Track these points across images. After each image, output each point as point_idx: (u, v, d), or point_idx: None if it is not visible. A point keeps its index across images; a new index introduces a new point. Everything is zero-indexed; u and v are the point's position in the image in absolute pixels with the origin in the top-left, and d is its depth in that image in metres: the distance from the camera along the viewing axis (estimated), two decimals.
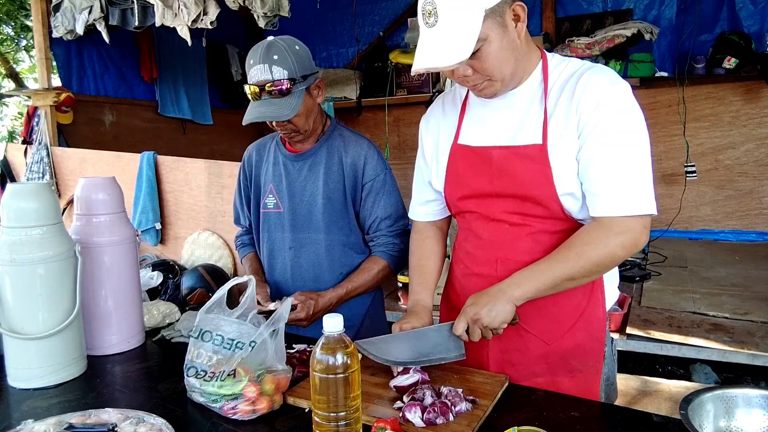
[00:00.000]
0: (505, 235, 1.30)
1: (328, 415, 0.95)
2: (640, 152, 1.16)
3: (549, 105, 1.22)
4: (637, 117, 1.17)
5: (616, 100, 1.16)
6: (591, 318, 1.29)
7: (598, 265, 1.19)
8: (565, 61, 1.26)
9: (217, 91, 5.72)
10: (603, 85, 1.17)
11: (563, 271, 1.18)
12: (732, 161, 4.65)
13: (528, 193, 1.24)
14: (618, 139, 1.15)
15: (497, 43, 1.15)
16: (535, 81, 1.26)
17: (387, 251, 1.71)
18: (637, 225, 1.16)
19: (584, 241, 1.18)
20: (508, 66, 1.19)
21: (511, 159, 1.25)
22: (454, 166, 1.36)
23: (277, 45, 1.53)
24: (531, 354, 1.32)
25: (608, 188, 1.16)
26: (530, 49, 1.25)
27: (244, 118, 1.57)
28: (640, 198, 1.15)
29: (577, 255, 1.17)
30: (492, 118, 1.30)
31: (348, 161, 1.67)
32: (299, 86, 1.54)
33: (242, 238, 1.94)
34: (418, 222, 1.54)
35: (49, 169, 4.07)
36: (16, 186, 1.35)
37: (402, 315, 1.46)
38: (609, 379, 1.37)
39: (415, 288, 1.46)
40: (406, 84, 5.17)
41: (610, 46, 4.36)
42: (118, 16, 3.56)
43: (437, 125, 1.42)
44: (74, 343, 1.38)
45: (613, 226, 1.16)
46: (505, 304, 1.19)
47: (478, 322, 1.20)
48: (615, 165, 1.15)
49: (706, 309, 3.09)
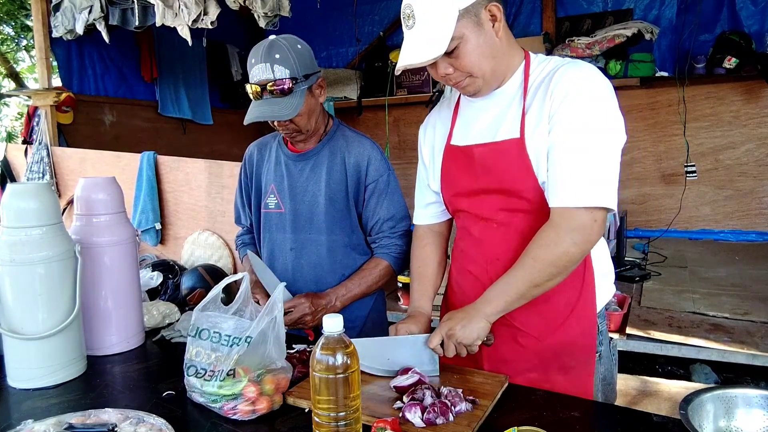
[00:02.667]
0: (494, 234, 1.33)
1: (328, 415, 0.95)
2: (604, 145, 1.16)
3: (527, 100, 1.24)
4: (606, 111, 1.17)
5: (586, 92, 1.17)
6: (582, 314, 1.30)
7: (555, 266, 1.18)
8: (547, 59, 1.29)
9: (217, 91, 5.72)
10: (576, 77, 1.18)
11: (524, 279, 1.19)
12: (732, 161, 4.65)
13: (511, 187, 1.26)
14: (581, 130, 1.16)
15: (474, 41, 1.19)
16: (516, 80, 1.29)
17: (389, 253, 1.70)
18: (587, 218, 1.15)
19: (537, 244, 1.19)
20: (487, 63, 1.22)
21: (491, 155, 1.28)
22: (447, 166, 1.40)
23: (278, 44, 1.53)
24: (523, 351, 1.33)
25: (563, 177, 1.16)
26: (512, 49, 1.28)
27: (245, 118, 1.56)
28: (595, 190, 1.14)
29: (533, 259, 1.18)
30: (476, 118, 1.34)
31: (351, 162, 1.67)
32: (301, 86, 1.54)
33: (243, 238, 1.93)
34: (420, 228, 1.56)
35: (49, 169, 4.07)
36: (16, 186, 1.35)
37: (402, 316, 1.47)
38: (606, 379, 1.37)
39: (414, 295, 1.50)
40: (407, 84, 5.17)
41: (611, 45, 4.36)
42: (118, 16, 3.56)
43: (434, 129, 1.47)
44: (74, 343, 1.38)
45: (562, 222, 1.16)
46: (479, 321, 1.21)
47: (452, 337, 1.22)
48: (573, 155, 1.16)
49: (706, 309, 3.09)
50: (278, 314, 1.18)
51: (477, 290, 1.36)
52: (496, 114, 1.29)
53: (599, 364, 1.34)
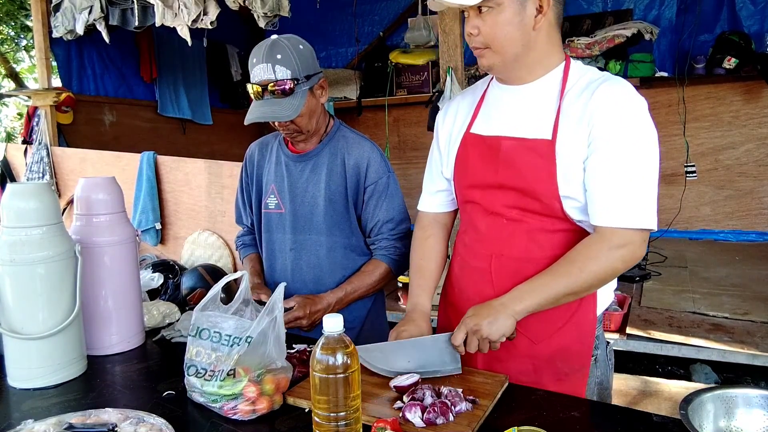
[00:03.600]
0: (502, 230, 1.31)
1: (328, 415, 0.95)
2: (648, 168, 1.18)
3: (564, 105, 1.23)
4: (648, 133, 1.18)
5: (631, 115, 1.18)
6: (581, 321, 1.29)
7: (599, 278, 1.20)
8: (585, 68, 1.29)
9: (217, 91, 5.73)
10: (620, 98, 1.19)
11: (565, 286, 1.19)
12: (732, 161, 4.65)
13: (530, 187, 1.25)
14: (627, 153, 1.17)
15: (508, 16, 1.19)
16: (554, 79, 1.27)
17: (388, 254, 1.69)
18: (636, 238, 1.18)
19: (586, 255, 1.19)
20: (512, 45, 1.22)
21: (518, 150, 1.26)
22: (463, 154, 1.37)
23: (280, 44, 1.52)
24: (517, 352, 1.31)
25: (612, 199, 1.17)
26: (551, 48, 1.26)
27: (246, 118, 1.56)
28: (643, 212, 1.16)
29: (579, 269, 1.19)
30: (506, 110, 1.31)
31: (351, 163, 1.66)
32: (302, 86, 1.54)
33: (243, 239, 1.93)
34: (424, 216, 1.53)
35: (49, 169, 4.07)
36: (16, 186, 1.35)
37: (402, 316, 1.45)
38: (602, 383, 1.35)
39: (414, 290, 1.46)
40: (406, 84, 5.17)
41: (610, 46, 4.36)
42: (118, 16, 3.56)
43: (454, 114, 1.44)
44: (74, 343, 1.38)
45: (613, 239, 1.17)
46: (507, 318, 1.19)
47: (477, 333, 1.20)
48: (621, 177, 1.17)
49: (706, 309, 3.09)
50: (278, 314, 1.18)
51: (479, 286, 1.35)
52: (528, 110, 1.28)
53: (595, 368, 1.32)
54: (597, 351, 1.33)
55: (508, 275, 1.29)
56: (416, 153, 5.44)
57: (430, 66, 4.95)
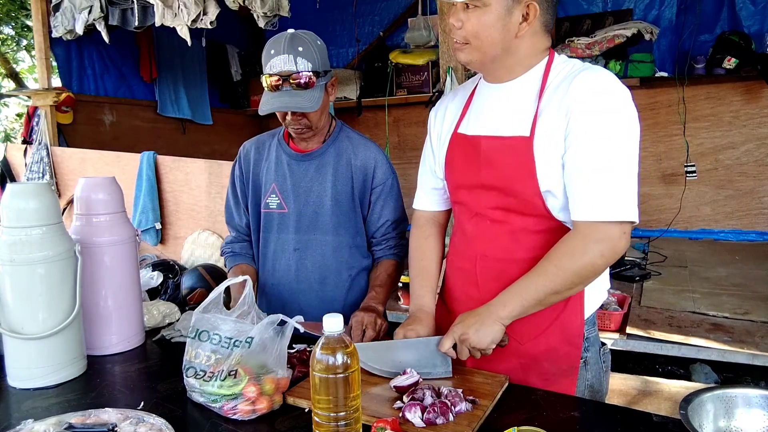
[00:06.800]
0: (486, 231, 1.30)
1: (328, 415, 0.95)
2: (627, 159, 1.15)
3: (543, 100, 1.22)
4: (627, 123, 1.15)
5: (608, 105, 1.14)
6: (567, 323, 1.27)
7: (579, 275, 1.17)
8: (567, 61, 1.26)
9: (216, 91, 5.73)
10: (597, 88, 1.15)
11: (545, 285, 1.17)
12: (732, 161, 4.65)
13: (510, 186, 1.24)
14: (603, 144, 1.14)
15: (492, 18, 1.18)
16: (535, 76, 1.25)
17: (397, 253, 1.73)
18: (615, 232, 1.14)
19: (563, 252, 1.17)
20: (491, 47, 1.21)
21: (498, 150, 1.25)
22: (451, 155, 1.37)
23: (301, 37, 1.52)
24: (504, 351, 1.29)
25: (589, 192, 1.15)
26: (532, 53, 1.25)
27: (261, 108, 1.53)
28: (621, 204, 1.14)
29: (557, 267, 1.16)
30: (489, 108, 1.31)
31: (357, 164, 1.67)
32: (321, 80, 1.54)
33: (232, 246, 1.83)
34: (421, 215, 1.53)
35: (49, 169, 4.07)
36: (16, 186, 1.35)
37: (402, 315, 1.45)
38: (593, 386, 1.33)
39: (417, 292, 1.45)
40: (406, 84, 5.17)
41: (610, 46, 4.36)
42: (118, 16, 3.57)
43: (444, 114, 1.43)
44: (74, 343, 1.38)
45: (591, 233, 1.15)
46: (492, 324, 1.19)
47: (466, 341, 1.20)
48: (599, 170, 1.14)
49: (706, 309, 3.09)
50: (286, 341, 1.18)
51: (466, 287, 1.35)
52: (509, 107, 1.26)
53: (585, 370, 1.30)
54: (587, 353, 1.30)
55: (492, 277, 1.29)
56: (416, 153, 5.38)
57: (430, 66, 4.95)
